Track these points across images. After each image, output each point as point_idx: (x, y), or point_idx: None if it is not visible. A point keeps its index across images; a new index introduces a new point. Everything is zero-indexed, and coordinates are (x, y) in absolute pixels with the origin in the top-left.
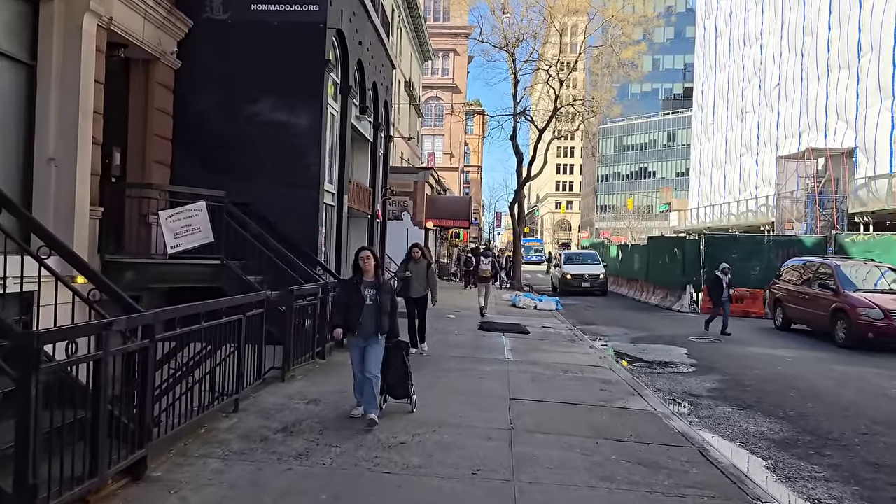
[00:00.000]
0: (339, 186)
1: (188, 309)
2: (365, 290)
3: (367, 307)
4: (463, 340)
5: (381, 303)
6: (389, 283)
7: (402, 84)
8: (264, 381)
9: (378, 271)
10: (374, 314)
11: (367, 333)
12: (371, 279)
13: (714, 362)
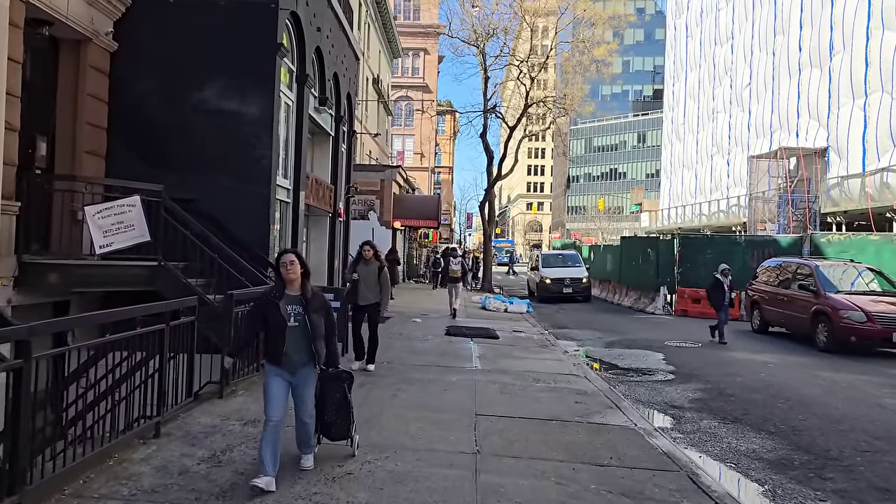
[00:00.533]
0: (295, 182)
1: (85, 319)
2: (287, 306)
3: (291, 330)
4: (428, 347)
5: (313, 324)
6: (322, 297)
7: (370, 81)
8: (198, 398)
9: (306, 281)
10: (304, 339)
11: (296, 364)
12: (296, 293)
13: (694, 369)
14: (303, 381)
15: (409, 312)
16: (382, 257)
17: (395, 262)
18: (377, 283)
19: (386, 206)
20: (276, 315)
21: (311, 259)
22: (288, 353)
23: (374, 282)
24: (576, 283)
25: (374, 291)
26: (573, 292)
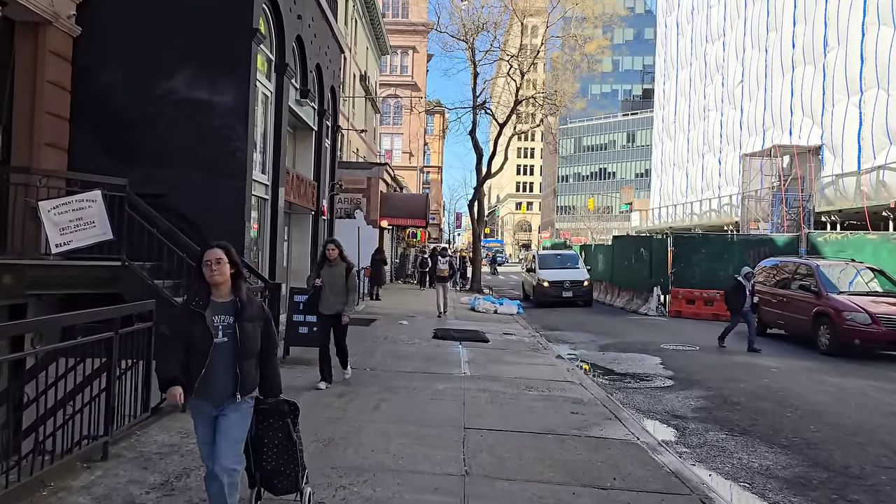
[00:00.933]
0: (274, 177)
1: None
2: (214, 317)
3: (217, 348)
4: (415, 351)
5: (244, 337)
6: (259, 304)
7: (358, 77)
8: (157, 412)
9: (239, 283)
10: (231, 358)
11: (220, 394)
12: (226, 298)
13: (693, 374)
14: (226, 415)
15: (396, 314)
16: (349, 258)
17: (381, 261)
18: (344, 289)
19: (373, 204)
20: (201, 329)
21: (292, 260)
22: (212, 377)
23: (341, 287)
24: (576, 286)
25: (341, 298)
26: (573, 296)
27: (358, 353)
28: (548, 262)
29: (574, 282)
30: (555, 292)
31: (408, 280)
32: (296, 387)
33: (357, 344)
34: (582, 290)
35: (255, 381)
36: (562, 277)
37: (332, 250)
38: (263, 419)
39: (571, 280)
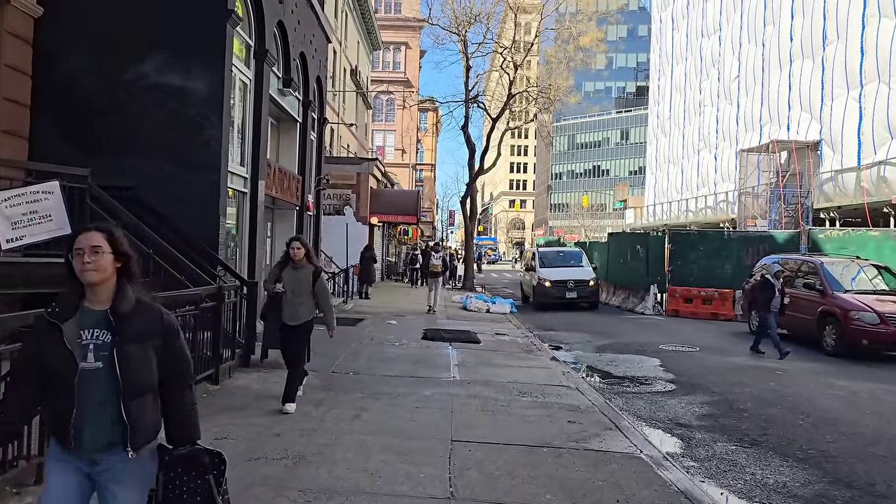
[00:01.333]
0: (253, 170)
1: None
2: (82, 331)
3: (86, 377)
4: (402, 353)
5: (125, 363)
6: (157, 311)
7: (348, 72)
8: None
9: (125, 284)
10: (111, 394)
11: (96, 446)
12: (103, 305)
13: (696, 377)
14: (114, 478)
15: (385, 313)
16: (319, 259)
17: (371, 259)
18: (310, 295)
19: (362, 200)
20: (57, 350)
21: (276, 256)
22: (80, 418)
23: (307, 293)
24: (581, 286)
25: (307, 306)
26: (578, 297)
27: (342, 355)
28: (549, 260)
29: (578, 281)
30: (557, 293)
31: (399, 278)
32: (273, 394)
33: (342, 345)
34: (587, 291)
35: (153, 424)
36: (565, 277)
37: (298, 249)
38: (173, 477)
39: (576, 279)
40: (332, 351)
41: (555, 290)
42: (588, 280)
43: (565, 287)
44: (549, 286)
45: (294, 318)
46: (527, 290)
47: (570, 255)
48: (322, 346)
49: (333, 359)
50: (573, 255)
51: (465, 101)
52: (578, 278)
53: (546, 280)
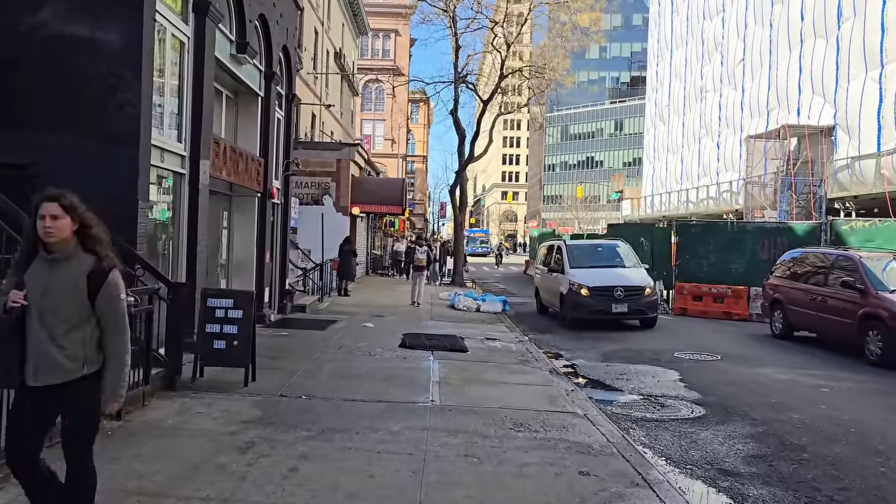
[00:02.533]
0: (194, 146)
1: None
2: None
3: None
4: (373, 367)
5: None
6: None
7: (332, 55)
8: None
9: None
10: None
11: None
12: None
13: (726, 396)
14: None
15: (363, 313)
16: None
17: (350, 253)
18: (87, 319)
19: (343, 189)
20: None
21: (234, 251)
22: None
23: (75, 315)
24: (634, 296)
25: (76, 346)
26: (630, 312)
27: (299, 370)
28: (583, 257)
29: (630, 290)
30: (599, 305)
31: (384, 272)
32: (193, 430)
33: (303, 356)
34: (643, 303)
35: None
36: (610, 282)
37: (54, 219)
38: None
39: (625, 286)
40: (288, 365)
41: (596, 300)
42: (643, 287)
43: (611, 297)
44: (586, 295)
45: (45, 371)
46: (547, 299)
47: (610, 251)
48: (278, 355)
49: (287, 375)
50: (614, 250)
51: (453, 82)
52: (629, 284)
53: (582, 287)
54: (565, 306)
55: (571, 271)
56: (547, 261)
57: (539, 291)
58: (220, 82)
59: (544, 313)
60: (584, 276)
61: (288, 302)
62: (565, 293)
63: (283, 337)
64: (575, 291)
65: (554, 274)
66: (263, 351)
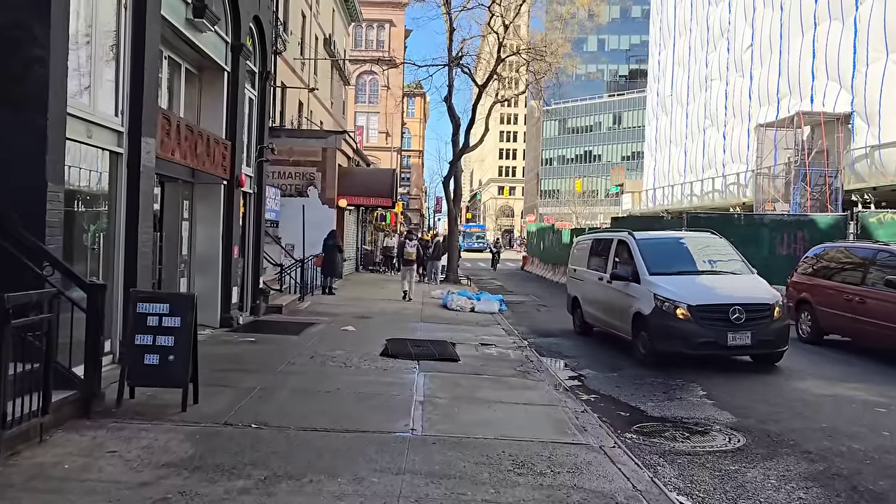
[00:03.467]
0: (132, 121)
1: None
2: None
3: None
4: (346, 382)
5: None
6: None
7: (321, 41)
8: None
9: None
10: None
11: None
12: None
13: (766, 418)
14: None
15: (346, 315)
16: None
17: (336, 248)
18: None
19: (329, 180)
20: None
21: (196, 245)
22: None
23: None
24: (759, 318)
25: None
26: (755, 345)
27: (256, 388)
28: (665, 259)
29: (752, 308)
30: (709, 334)
31: (374, 269)
32: (92, 483)
33: (264, 370)
34: (772, 330)
35: None
36: (722, 297)
37: None
38: None
39: (745, 303)
40: (245, 380)
41: (702, 326)
42: (769, 305)
43: (726, 321)
44: (685, 319)
45: None
46: (604, 319)
47: (702, 248)
48: (236, 367)
49: (240, 394)
50: (710, 246)
51: (447, 65)
52: (749, 301)
53: (678, 305)
54: (648, 334)
55: (653, 280)
56: (596, 262)
57: (580, 303)
58: (177, 52)
59: (586, 333)
60: (678, 288)
61: (262, 302)
62: (648, 314)
63: (248, 343)
64: (666, 312)
65: (616, 283)
66: (220, 362)
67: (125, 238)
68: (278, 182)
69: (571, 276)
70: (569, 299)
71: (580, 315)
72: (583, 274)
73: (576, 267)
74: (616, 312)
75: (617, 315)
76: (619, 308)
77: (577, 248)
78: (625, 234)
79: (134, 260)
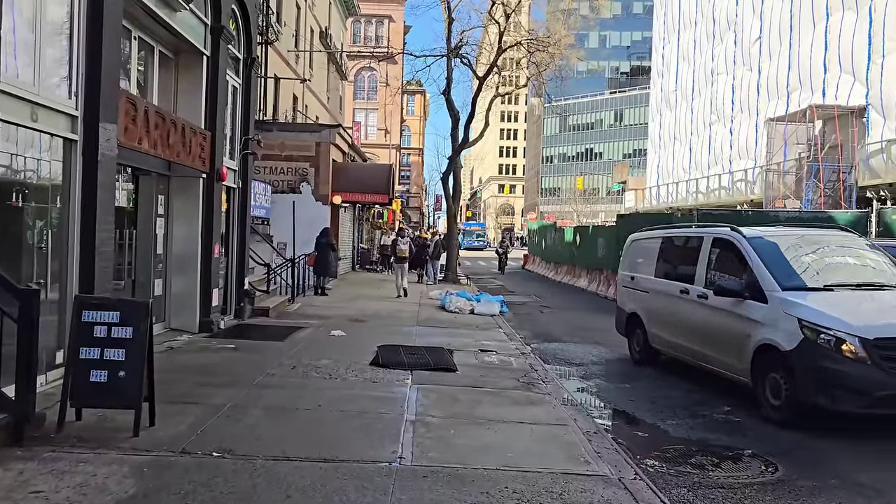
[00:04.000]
0: (89, 105)
1: None
2: None
3: None
4: (328, 398)
5: None
6: None
7: (317, 33)
8: None
9: None
10: None
11: None
12: None
13: (804, 445)
14: None
15: (337, 318)
16: None
17: (328, 246)
18: None
19: (322, 176)
20: None
21: (172, 243)
22: None
23: None
24: None
25: None
26: None
27: (226, 405)
28: (801, 268)
29: None
30: None
31: (373, 268)
32: None
33: (238, 383)
34: None
35: None
36: None
37: None
38: None
39: None
40: (215, 395)
41: (885, 371)
42: None
43: None
44: (855, 357)
45: None
46: (693, 349)
47: (840, 249)
48: (207, 380)
49: (206, 413)
50: (849, 248)
51: (446, 55)
52: None
53: (847, 336)
54: (789, 379)
55: (793, 298)
56: (671, 268)
57: (644, 323)
58: (149, 33)
59: (649, 362)
60: (838, 310)
61: (247, 304)
62: (789, 349)
63: (226, 351)
64: (822, 348)
65: (719, 300)
66: (191, 373)
67: (80, 236)
68: (270, 178)
69: (626, 285)
70: (621, 316)
71: (642, 338)
72: (647, 284)
73: (634, 274)
74: (717, 342)
75: (719, 346)
76: (725, 337)
77: (636, 249)
78: (726, 229)
79: (91, 261)
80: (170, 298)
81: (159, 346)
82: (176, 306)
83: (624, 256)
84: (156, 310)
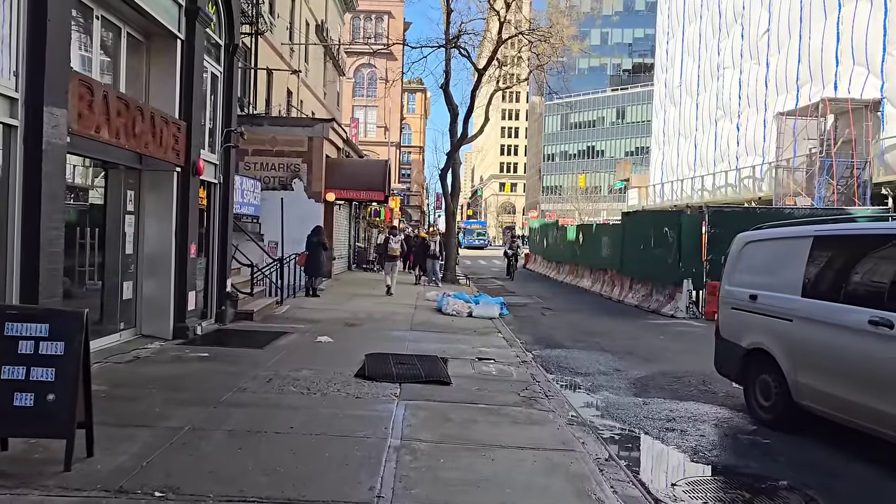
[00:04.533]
0: (32, 86)
1: None
2: None
3: None
4: (305, 418)
5: None
6: None
7: (313, 27)
8: None
9: None
10: None
11: None
12: None
13: (838, 473)
14: None
15: (325, 322)
16: None
17: (320, 245)
18: None
19: (315, 172)
20: None
21: (145, 242)
22: None
23: None
24: None
25: None
26: None
27: (185, 427)
28: None
29: None
30: None
31: (370, 267)
32: None
33: (203, 400)
34: None
35: None
36: None
37: None
38: None
39: None
40: (174, 415)
41: None
42: None
43: None
44: None
45: None
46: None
47: None
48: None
49: (158, 439)
50: None
51: (443, 46)
52: None
53: None
54: None
55: None
56: (840, 287)
57: (782, 366)
58: (114, 12)
59: (791, 426)
60: None
61: (229, 308)
62: None
63: (198, 361)
64: None
65: None
66: (151, 388)
67: (21, 234)
68: (260, 174)
69: (741, 306)
70: (730, 350)
71: (779, 388)
72: (789, 306)
73: (756, 291)
74: None
75: None
76: None
77: (754, 254)
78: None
79: (35, 262)
80: (141, 302)
81: (124, 354)
82: (148, 311)
83: (731, 264)
84: (126, 315)
